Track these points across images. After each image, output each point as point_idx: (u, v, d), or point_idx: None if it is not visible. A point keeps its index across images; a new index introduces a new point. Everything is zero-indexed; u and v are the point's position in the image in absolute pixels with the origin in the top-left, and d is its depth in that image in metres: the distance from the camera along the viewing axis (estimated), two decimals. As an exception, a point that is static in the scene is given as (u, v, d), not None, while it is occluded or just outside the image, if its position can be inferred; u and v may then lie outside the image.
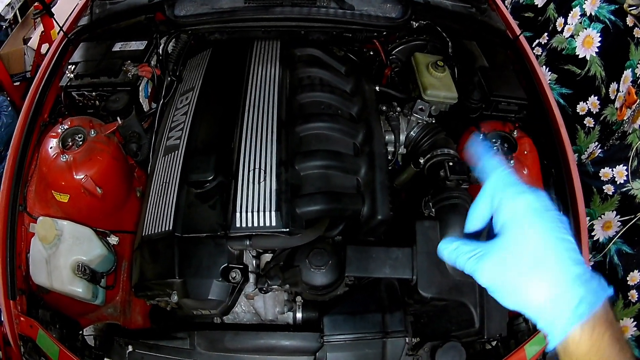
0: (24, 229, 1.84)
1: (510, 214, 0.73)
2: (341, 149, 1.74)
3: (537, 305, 0.69)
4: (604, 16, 2.90)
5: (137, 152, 2.01)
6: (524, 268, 0.70)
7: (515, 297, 0.71)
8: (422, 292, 1.40)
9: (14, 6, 3.81)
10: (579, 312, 0.66)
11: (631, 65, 2.73)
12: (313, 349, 1.45)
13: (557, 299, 0.67)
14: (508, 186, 0.75)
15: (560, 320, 0.67)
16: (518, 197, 0.73)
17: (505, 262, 0.72)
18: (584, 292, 0.67)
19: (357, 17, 2.24)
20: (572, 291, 0.67)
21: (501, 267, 0.72)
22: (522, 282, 0.70)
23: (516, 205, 0.73)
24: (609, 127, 2.88)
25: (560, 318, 0.67)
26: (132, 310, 2.08)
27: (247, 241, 1.49)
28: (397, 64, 2.38)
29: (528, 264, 0.70)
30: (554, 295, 0.68)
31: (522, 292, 0.70)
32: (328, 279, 1.51)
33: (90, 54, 2.20)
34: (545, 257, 0.69)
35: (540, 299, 0.68)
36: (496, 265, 0.73)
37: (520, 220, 0.72)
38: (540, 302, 0.69)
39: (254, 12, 2.23)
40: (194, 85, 1.97)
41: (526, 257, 0.70)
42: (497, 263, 0.73)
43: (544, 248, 0.70)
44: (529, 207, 0.72)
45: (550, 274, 0.68)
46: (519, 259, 0.71)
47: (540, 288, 0.69)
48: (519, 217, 0.72)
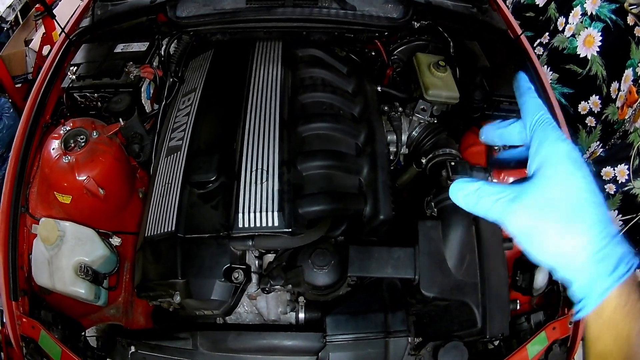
0: (26, 230, 1.84)
1: (551, 155, 0.66)
2: (343, 149, 1.75)
3: (577, 260, 0.62)
4: (605, 15, 2.90)
5: (140, 153, 2.01)
6: (563, 216, 0.63)
7: (555, 249, 0.64)
8: (425, 292, 1.40)
9: (15, 8, 3.82)
10: (620, 272, 0.61)
11: (632, 64, 2.73)
12: (315, 349, 1.45)
13: (599, 255, 0.61)
14: (551, 128, 0.67)
15: (602, 280, 0.61)
16: (561, 142, 0.66)
17: (543, 207, 0.64)
18: (622, 252, 0.62)
19: (359, 17, 2.25)
20: (612, 249, 0.61)
21: (538, 212, 0.64)
22: (561, 230, 0.63)
23: (558, 149, 0.65)
24: (611, 126, 2.88)
25: (601, 278, 0.61)
26: (134, 311, 2.08)
27: (250, 241, 1.49)
28: (399, 64, 2.38)
29: (571, 212, 0.63)
30: (596, 250, 0.61)
31: (560, 243, 0.63)
32: (330, 279, 1.51)
33: (92, 55, 2.20)
34: (585, 209, 0.62)
35: (582, 254, 0.62)
36: (532, 210, 0.64)
37: (562, 165, 0.65)
38: (581, 258, 0.62)
39: (255, 13, 2.23)
40: (196, 86, 1.97)
41: (568, 204, 0.63)
42: (533, 207, 0.64)
43: (585, 199, 0.63)
44: (570, 155, 0.65)
45: (590, 227, 0.62)
46: (561, 205, 0.63)
47: (582, 241, 0.62)
48: (560, 162, 0.65)
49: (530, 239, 0.65)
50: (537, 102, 0.71)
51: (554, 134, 0.67)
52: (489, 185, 0.68)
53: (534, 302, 1.82)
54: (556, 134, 0.67)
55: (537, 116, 0.69)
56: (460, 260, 1.46)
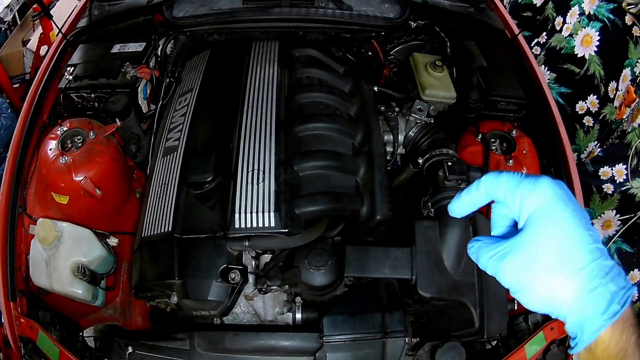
0: (24, 230, 1.84)
1: (534, 204, 0.67)
2: (340, 149, 1.74)
3: (565, 303, 0.64)
4: (603, 15, 2.90)
5: (137, 154, 2.01)
6: (550, 264, 0.64)
7: (541, 296, 0.66)
8: (422, 292, 1.40)
9: (12, 8, 3.80)
10: (612, 311, 0.61)
11: (630, 63, 2.73)
12: (313, 350, 1.45)
13: (590, 297, 0.62)
14: (524, 180, 0.68)
15: (592, 320, 0.62)
16: (539, 184, 0.67)
17: (529, 258, 0.66)
18: (615, 288, 0.62)
19: (356, 17, 2.25)
20: (605, 288, 0.62)
21: (524, 264, 0.66)
22: (548, 279, 0.64)
23: (539, 193, 0.67)
24: (608, 126, 2.87)
25: (592, 317, 0.62)
26: (132, 311, 2.08)
27: (247, 242, 1.49)
28: (396, 64, 2.38)
29: (554, 259, 0.64)
30: (586, 292, 0.62)
31: (548, 290, 0.65)
32: (327, 279, 1.51)
33: (89, 55, 2.20)
34: (575, 251, 0.63)
35: (569, 297, 0.63)
36: (519, 263, 0.67)
37: (545, 210, 0.66)
38: (569, 300, 0.63)
39: (252, 13, 2.23)
40: (193, 87, 1.97)
41: (552, 252, 0.64)
42: (520, 260, 0.67)
43: (573, 240, 0.64)
44: (553, 194, 0.66)
45: (582, 268, 0.63)
46: (544, 254, 0.65)
47: (568, 284, 0.63)
48: (543, 207, 0.66)
49: (519, 291, 0.68)
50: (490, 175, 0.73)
51: (530, 182, 0.68)
52: (487, 243, 0.73)
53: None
54: (531, 181, 0.68)
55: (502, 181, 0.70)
56: (457, 260, 1.46)
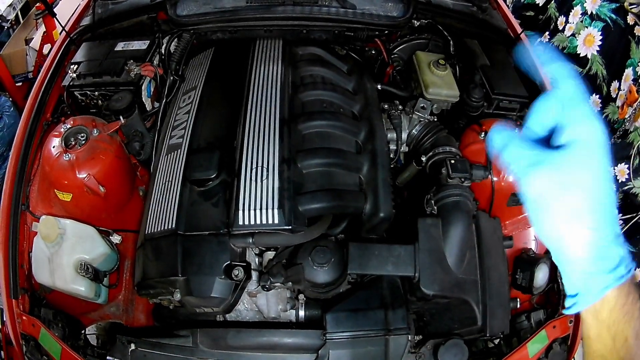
0: (27, 228, 1.84)
1: (583, 133, 0.61)
2: (343, 146, 1.75)
3: (578, 250, 0.61)
4: (605, 15, 2.90)
5: (140, 151, 2.01)
6: (582, 200, 0.60)
7: (559, 229, 0.61)
8: (425, 290, 1.41)
9: (15, 7, 3.81)
10: (620, 273, 0.60)
11: (632, 63, 2.73)
12: (315, 347, 1.45)
13: (600, 253, 0.60)
14: (584, 103, 0.63)
15: (599, 278, 0.60)
16: (596, 121, 0.62)
17: (567, 182, 0.60)
18: (623, 253, 0.60)
19: (359, 16, 2.25)
20: (615, 249, 0.60)
21: (559, 185, 0.61)
22: (572, 216, 0.60)
23: (593, 128, 0.61)
24: (611, 125, 2.87)
25: (600, 275, 0.60)
26: (134, 308, 2.07)
27: (250, 239, 1.49)
28: (399, 63, 2.39)
29: (585, 200, 0.60)
30: (599, 246, 0.60)
31: (566, 228, 0.61)
32: (330, 276, 1.51)
33: (92, 53, 2.20)
34: (601, 204, 0.60)
35: (584, 245, 0.60)
36: (555, 180, 0.61)
37: (592, 146, 0.61)
38: (582, 249, 0.60)
39: (256, 12, 2.24)
40: (197, 84, 1.98)
41: (588, 191, 0.60)
42: (556, 178, 0.61)
43: (603, 194, 0.60)
44: (601, 139, 0.61)
45: (600, 223, 0.60)
46: (581, 188, 0.60)
47: (588, 233, 0.60)
48: (591, 143, 0.61)
49: (541, 210, 0.63)
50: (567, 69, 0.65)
51: (589, 110, 0.63)
52: (525, 142, 0.66)
53: (534, 301, 1.82)
54: (592, 113, 0.62)
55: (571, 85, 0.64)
56: (460, 258, 1.46)
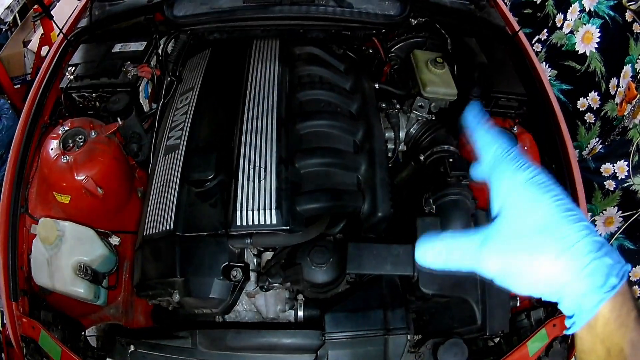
0: (26, 230, 1.84)
1: (510, 190, 0.64)
2: (341, 146, 1.74)
3: (559, 283, 0.61)
4: (603, 12, 2.89)
5: (138, 153, 2.01)
6: (537, 244, 0.61)
7: (533, 280, 0.62)
8: (424, 289, 1.40)
9: (13, 9, 3.82)
10: (611, 284, 0.59)
11: (631, 60, 2.73)
12: (314, 347, 1.45)
13: (585, 272, 0.59)
14: (507, 161, 0.65)
15: (590, 295, 0.59)
16: (520, 172, 0.64)
17: (513, 242, 0.62)
18: (610, 261, 0.59)
19: (356, 14, 2.24)
20: (599, 261, 0.59)
21: (506, 251, 0.62)
22: (538, 261, 0.61)
23: (517, 180, 0.64)
24: (610, 122, 2.87)
25: (590, 292, 0.59)
26: (134, 310, 2.07)
27: (248, 239, 1.49)
28: (397, 61, 2.38)
29: (542, 238, 0.61)
30: (581, 268, 0.59)
31: (539, 273, 0.61)
32: (329, 276, 1.51)
33: (90, 55, 2.20)
34: (560, 229, 0.60)
35: (564, 275, 0.60)
36: (502, 248, 0.63)
37: (523, 197, 0.63)
38: (563, 279, 0.60)
39: (252, 12, 2.23)
40: (194, 85, 1.97)
41: (537, 231, 0.61)
42: (502, 245, 0.63)
43: (556, 219, 0.61)
44: (532, 182, 0.63)
45: (571, 245, 0.59)
46: (529, 235, 0.61)
47: (559, 264, 0.60)
48: (520, 194, 0.63)
49: (506, 278, 0.64)
50: (489, 135, 0.69)
51: (511, 166, 0.65)
52: (455, 237, 0.67)
53: (534, 299, 1.82)
54: (513, 166, 0.65)
55: (490, 152, 0.67)
56: (459, 257, 1.46)
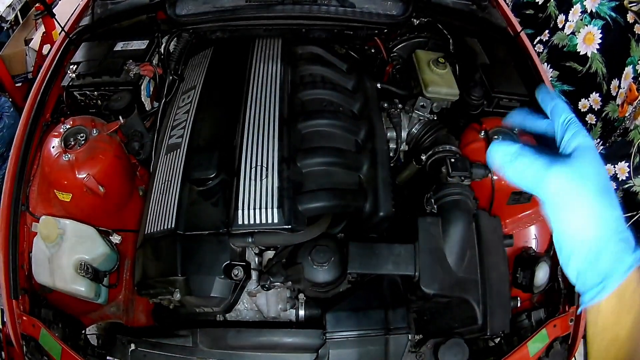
0: (27, 228, 1.84)
1: (586, 145, 0.69)
2: (343, 145, 1.75)
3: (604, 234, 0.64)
4: (605, 13, 2.89)
5: (140, 151, 2.01)
6: (600, 191, 0.65)
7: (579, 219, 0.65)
8: (425, 289, 1.40)
9: (15, 7, 3.81)
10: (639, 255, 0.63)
11: (632, 61, 2.73)
12: (316, 346, 1.45)
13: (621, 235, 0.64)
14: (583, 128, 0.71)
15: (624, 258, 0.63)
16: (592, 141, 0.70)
17: (583, 178, 0.66)
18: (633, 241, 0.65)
19: (358, 14, 2.24)
20: (629, 234, 0.64)
21: (578, 181, 0.65)
22: (597, 204, 0.65)
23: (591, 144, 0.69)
24: (611, 123, 2.87)
25: (624, 255, 0.63)
26: (135, 308, 2.07)
27: (250, 238, 1.49)
28: (399, 61, 2.38)
29: (604, 190, 0.65)
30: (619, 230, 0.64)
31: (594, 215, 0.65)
32: (330, 275, 1.51)
33: (92, 53, 2.20)
34: (612, 194, 0.66)
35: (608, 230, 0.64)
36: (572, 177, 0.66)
37: (594, 152, 0.68)
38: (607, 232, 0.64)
39: (255, 11, 2.23)
40: (196, 84, 1.97)
41: (602, 183, 0.66)
42: (573, 175, 0.66)
43: (610, 187, 0.67)
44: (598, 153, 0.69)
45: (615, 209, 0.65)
46: (596, 182, 0.65)
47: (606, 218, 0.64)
48: (594, 152, 0.68)
49: (561, 207, 0.66)
50: (567, 106, 0.74)
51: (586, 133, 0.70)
52: (528, 148, 0.70)
53: (534, 300, 1.82)
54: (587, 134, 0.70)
55: (569, 116, 0.72)
56: (460, 257, 1.46)
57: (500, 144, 0.72)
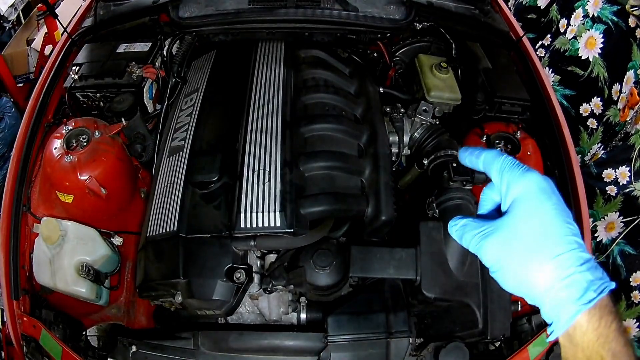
0: (28, 229, 1.85)
1: (519, 191, 0.71)
2: (345, 150, 1.75)
3: (542, 288, 0.66)
4: (607, 17, 2.90)
5: (142, 153, 2.01)
6: (528, 248, 0.68)
7: (520, 279, 0.69)
8: (426, 293, 1.40)
9: (17, 7, 3.81)
10: (588, 297, 0.63)
11: (634, 66, 2.73)
12: (317, 349, 1.45)
13: (565, 282, 0.64)
14: (516, 167, 0.73)
15: (568, 305, 0.64)
16: (527, 175, 0.71)
17: (511, 240, 0.70)
18: (591, 277, 0.64)
19: (361, 18, 2.25)
20: (580, 275, 0.64)
21: (506, 245, 0.70)
22: (527, 262, 0.67)
23: (525, 182, 0.71)
24: (612, 128, 2.87)
25: (568, 302, 0.64)
26: (136, 310, 2.08)
27: (252, 242, 1.49)
28: (401, 66, 2.39)
29: (532, 244, 0.68)
30: (562, 277, 0.65)
31: (526, 274, 0.67)
32: (332, 279, 1.51)
33: (94, 55, 2.20)
34: (552, 238, 0.67)
35: (546, 282, 0.66)
36: (501, 243, 0.71)
37: (529, 198, 0.70)
38: (545, 285, 0.66)
39: (258, 14, 2.24)
40: (199, 87, 1.98)
41: (533, 237, 0.68)
42: (502, 241, 0.71)
43: (552, 229, 0.67)
44: (537, 186, 0.70)
45: (558, 255, 0.66)
46: (526, 238, 0.68)
47: (546, 270, 0.66)
48: (527, 195, 0.70)
49: (498, 270, 0.72)
50: (493, 152, 0.78)
51: (520, 170, 0.73)
52: (472, 222, 0.77)
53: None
54: (522, 170, 0.73)
55: (499, 162, 0.75)
56: (461, 261, 1.45)
57: (453, 220, 0.80)
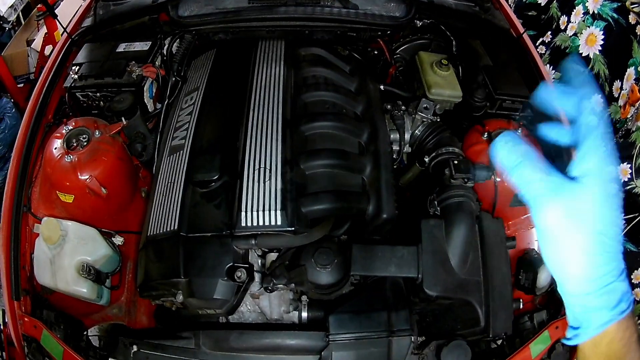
0: (28, 229, 1.84)
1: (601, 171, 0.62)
2: (346, 148, 1.74)
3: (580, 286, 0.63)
4: (607, 14, 2.89)
5: (142, 153, 2.00)
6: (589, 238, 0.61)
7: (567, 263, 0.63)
8: (428, 291, 1.40)
9: (17, 8, 3.81)
10: (621, 308, 0.62)
11: (634, 63, 2.72)
12: (318, 348, 1.45)
13: (604, 290, 0.62)
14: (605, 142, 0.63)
15: (602, 312, 0.62)
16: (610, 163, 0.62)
17: (580, 216, 0.61)
18: (625, 289, 0.63)
19: (361, 16, 2.24)
20: (618, 285, 0.62)
21: (574, 218, 0.61)
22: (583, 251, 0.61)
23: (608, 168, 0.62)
24: (613, 125, 2.87)
25: (602, 309, 0.62)
26: (137, 310, 2.07)
27: (253, 240, 1.49)
28: (402, 63, 2.38)
29: (596, 236, 0.61)
30: (602, 285, 0.62)
31: (577, 263, 0.62)
32: (333, 277, 1.51)
33: (94, 55, 2.20)
34: (609, 240, 0.61)
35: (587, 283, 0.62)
36: (569, 213, 0.61)
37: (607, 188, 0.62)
38: (585, 285, 0.62)
39: (258, 12, 2.23)
40: (199, 85, 1.97)
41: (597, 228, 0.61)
42: (572, 211, 0.61)
43: (612, 232, 0.61)
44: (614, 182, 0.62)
45: (607, 261, 0.62)
46: (592, 225, 0.61)
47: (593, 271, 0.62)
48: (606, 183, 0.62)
49: (552, 242, 0.64)
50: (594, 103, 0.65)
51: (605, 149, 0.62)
52: (532, 158, 0.64)
53: (536, 301, 1.82)
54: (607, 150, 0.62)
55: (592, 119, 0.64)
56: (463, 259, 1.46)
57: (506, 143, 0.66)
